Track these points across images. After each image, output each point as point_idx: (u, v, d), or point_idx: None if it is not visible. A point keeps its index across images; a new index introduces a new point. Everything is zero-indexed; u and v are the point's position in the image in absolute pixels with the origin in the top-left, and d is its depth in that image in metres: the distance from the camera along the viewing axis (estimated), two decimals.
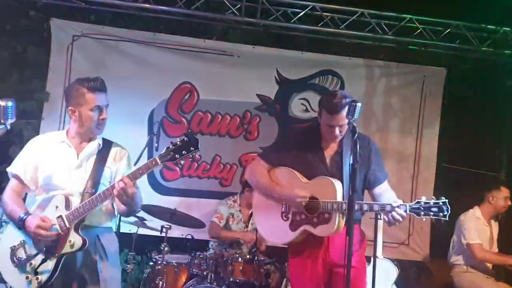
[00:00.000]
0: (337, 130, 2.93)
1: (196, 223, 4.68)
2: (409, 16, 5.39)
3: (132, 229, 4.62)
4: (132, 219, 4.43)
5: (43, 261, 2.67)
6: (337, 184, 2.89)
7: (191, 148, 2.60)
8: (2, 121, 2.53)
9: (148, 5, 5.24)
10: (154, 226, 4.60)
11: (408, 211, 2.73)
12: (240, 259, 4.32)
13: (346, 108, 2.76)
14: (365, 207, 2.82)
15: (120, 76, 5.45)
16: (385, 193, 3.02)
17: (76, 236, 2.66)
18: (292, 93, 5.91)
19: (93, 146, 2.90)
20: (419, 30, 5.44)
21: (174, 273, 4.33)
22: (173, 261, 4.39)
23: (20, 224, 2.72)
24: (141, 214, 4.55)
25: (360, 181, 2.98)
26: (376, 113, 5.90)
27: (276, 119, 5.87)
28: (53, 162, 2.84)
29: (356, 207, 2.72)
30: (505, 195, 4.85)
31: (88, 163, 2.86)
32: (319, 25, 5.43)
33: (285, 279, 4.64)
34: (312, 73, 5.90)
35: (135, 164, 4.19)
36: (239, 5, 5.29)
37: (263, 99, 5.85)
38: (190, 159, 2.70)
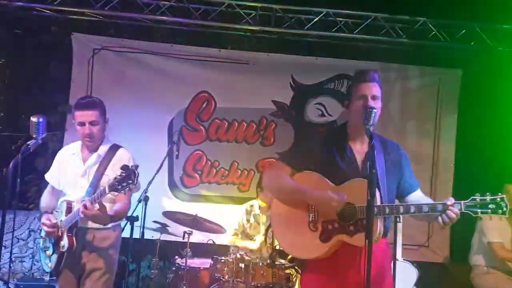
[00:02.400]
0: (370, 101, 2.60)
1: (217, 228, 4.77)
2: (423, 18, 5.42)
3: (155, 236, 4.73)
4: (155, 225, 4.54)
5: (53, 253, 3.18)
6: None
7: (129, 181, 2.82)
8: (35, 136, 2.80)
9: (165, 17, 5.38)
10: (176, 232, 4.71)
11: (463, 210, 2.48)
12: (261, 263, 4.39)
13: (377, 84, 2.63)
14: (401, 209, 2.58)
15: (139, 87, 5.63)
16: (422, 200, 2.74)
17: (65, 240, 3.06)
18: (308, 98, 5.97)
19: (95, 156, 3.23)
20: (433, 33, 5.47)
21: (197, 278, 4.44)
22: (196, 266, 4.49)
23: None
24: (164, 220, 4.67)
25: (393, 189, 2.72)
26: (393, 116, 5.93)
27: (292, 124, 5.93)
28: (65, 172, 3.27)
29: (388, 210, 2.52)
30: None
31: (91, 172, 3.20)
32: (333, 30, 5.49)
33: None
34: (328, 78, 5.96)
35: (156, 172, 4.36)
36: (253, 14, 5.39)
37: (279, 105, 5.92)
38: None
